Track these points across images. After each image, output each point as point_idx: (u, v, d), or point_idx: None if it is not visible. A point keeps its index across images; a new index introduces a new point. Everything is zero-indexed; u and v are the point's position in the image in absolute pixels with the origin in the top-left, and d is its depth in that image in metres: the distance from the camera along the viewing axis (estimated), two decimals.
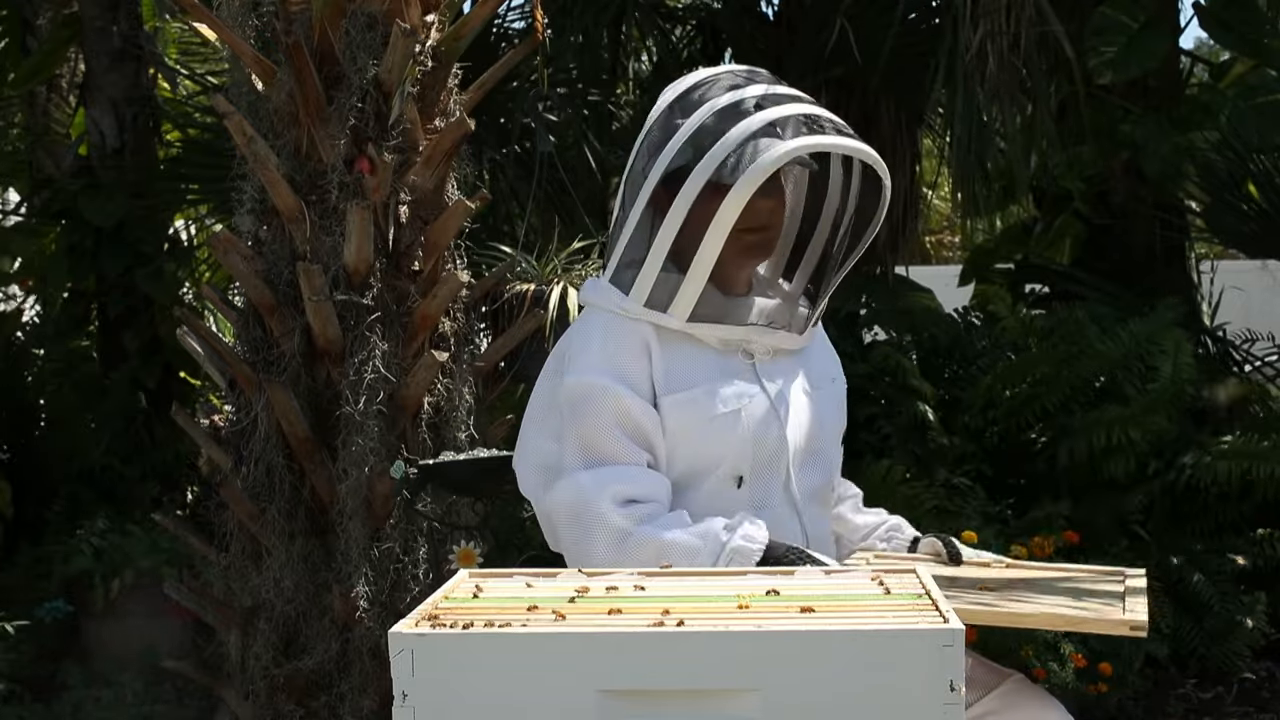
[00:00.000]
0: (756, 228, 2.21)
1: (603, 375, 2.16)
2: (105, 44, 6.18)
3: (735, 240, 2.18)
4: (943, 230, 13.87)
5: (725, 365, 2.24)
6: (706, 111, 2.18)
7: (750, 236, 2.21)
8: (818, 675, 1.53)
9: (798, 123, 2.16)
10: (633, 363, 2.18)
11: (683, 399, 2.19)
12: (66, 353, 6.41)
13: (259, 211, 3.61)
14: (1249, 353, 5.93)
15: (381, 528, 3.42)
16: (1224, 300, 6.37)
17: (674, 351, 2.20)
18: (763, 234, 2.24)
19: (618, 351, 2.18)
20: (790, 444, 2.24)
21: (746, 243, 2.21)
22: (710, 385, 2.21)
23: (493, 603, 1.70)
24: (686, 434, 2.19)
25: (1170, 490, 4.88)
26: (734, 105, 2.17)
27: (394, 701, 1.55)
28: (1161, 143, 5.71)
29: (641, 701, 1.55)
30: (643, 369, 2.18)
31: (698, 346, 2.23)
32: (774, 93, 2.21)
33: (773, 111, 2.16)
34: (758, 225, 2.21)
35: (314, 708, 3.43)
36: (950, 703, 1.52)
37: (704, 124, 2.16)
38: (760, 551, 2.07)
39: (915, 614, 1.61)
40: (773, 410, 2.23)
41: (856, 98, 6.26)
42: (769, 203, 2.20)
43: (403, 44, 3.39)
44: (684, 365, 2.21)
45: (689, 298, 2.17)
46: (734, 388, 2.22)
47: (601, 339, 2.20)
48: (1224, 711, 4.61)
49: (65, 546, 5.32)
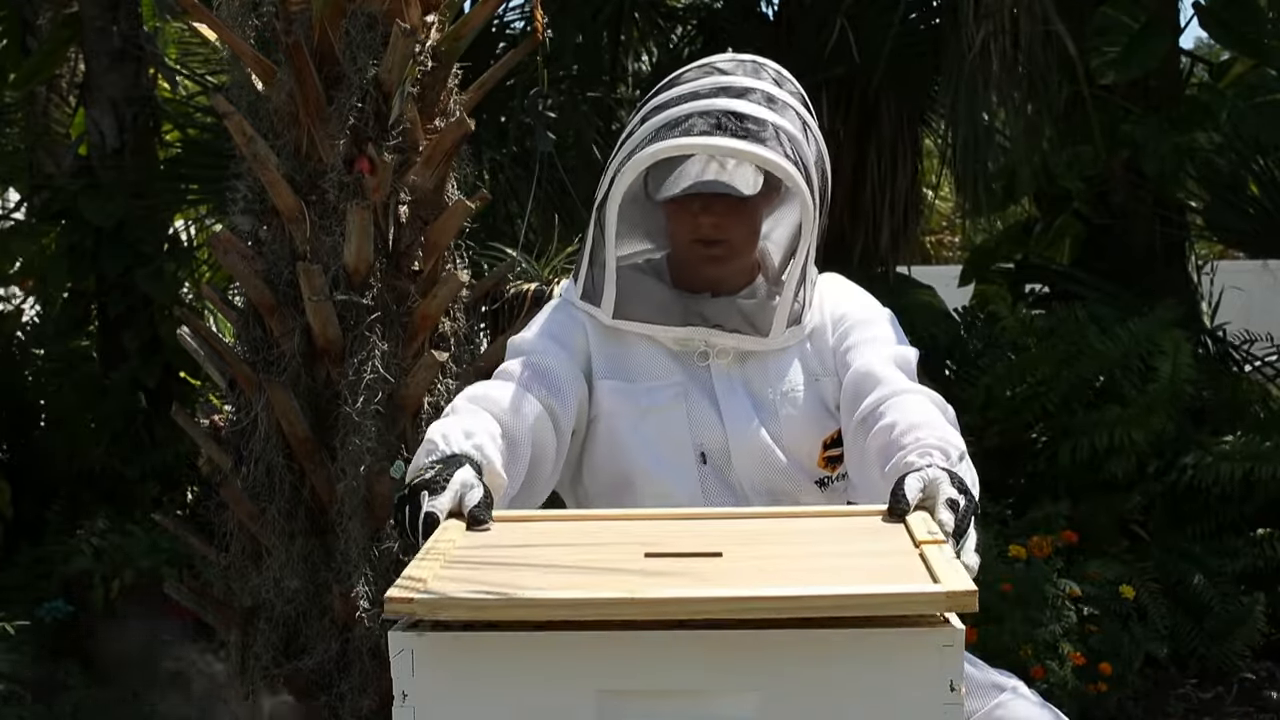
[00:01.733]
0: (704, 240, 2.20)
1: (533, 334, 2.27)
2: (105, 44, 6.18)
3: (691, 249, 2.21)
4: (943, 230, 13.87)
5: (674, 366, 2.24)
6: (652, 105, 2.21)
7: (702, 249, 2.21)
8: (817, 675, 1.53)
9: (690, 123, 2.13)
10: (567, 330, 2.25)
11: (619, 386, 2.23)
12: (66, 353, 6.41)
13: (259, 211, 3.61)
14: (1249, 353, 5.93)
15: (381, 528, 3.42)
16: (1224, 300, 6.37)
17: (622, 341, 2.25)
18: (717, 246, 2.21)
19: (553, 322, 2.28)
20: (736, 445, 2.22)
21: (700, 254, 2.22)
22: (648, 381, 2.23)
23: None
24: (622, 420, 2.21)
25: (1170, 490, 4.88)
26: (658, 105, 2.19)
27: (394, 701, 1.55)
28: (1161, 143, 5.72)
29: (641, 701, 1.55)
30: (580, 343, 2.25)
31: (650, 342, 2.24)
32: (709, 86, 2.18)
33: (685, 107, 2.15)
34: (702, 238, 2.20)
35: (314, 708, 3.42)
36: (950, 703, 1.52)
37: (632, 123, 2.22)
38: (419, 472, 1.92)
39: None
40: (714, 410, 2.22)
41: (857, 98, 6.27)
42: (710, 218, 2.18)
43: (403, 44, 3.39)
44: (629, 357, 2.24)
45: (608, 298, 2.23)
46: (675, 388, 2.23)
47: (549, 314, 2.31)
48: (1224, 711, 4.61)
49: (65, 546, 5.32)
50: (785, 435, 2.24)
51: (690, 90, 2.19)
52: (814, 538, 1.81)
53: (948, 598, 1.51)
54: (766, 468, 2.24)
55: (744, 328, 2.24)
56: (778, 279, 2.29)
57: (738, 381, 2.25)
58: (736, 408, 2.23)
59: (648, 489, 2.22)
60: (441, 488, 1.84)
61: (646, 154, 2.13)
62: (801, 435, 2.25)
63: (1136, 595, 4.50)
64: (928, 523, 1.76)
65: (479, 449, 1.97)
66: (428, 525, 1.79)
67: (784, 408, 2.25)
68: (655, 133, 2.15)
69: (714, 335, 2.23)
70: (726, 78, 2.20)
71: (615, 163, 2.20)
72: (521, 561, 1.67)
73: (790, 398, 2.25)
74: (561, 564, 1.68)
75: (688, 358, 2.26)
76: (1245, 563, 4.81)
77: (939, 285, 6.61)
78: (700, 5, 7.25)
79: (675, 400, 2.23)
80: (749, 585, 1.57)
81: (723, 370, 2.26)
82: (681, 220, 2.21)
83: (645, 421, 2.22)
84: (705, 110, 2.14)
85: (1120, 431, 4.74)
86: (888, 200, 6.29)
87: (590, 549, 1.75)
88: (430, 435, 2.01)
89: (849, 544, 1.78)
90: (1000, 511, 4.70)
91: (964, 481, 1.87)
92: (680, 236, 2.22)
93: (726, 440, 2.22)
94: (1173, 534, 4.89)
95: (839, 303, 2.33)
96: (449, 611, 1.54)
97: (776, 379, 2.26)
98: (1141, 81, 6.04)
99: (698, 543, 1.73)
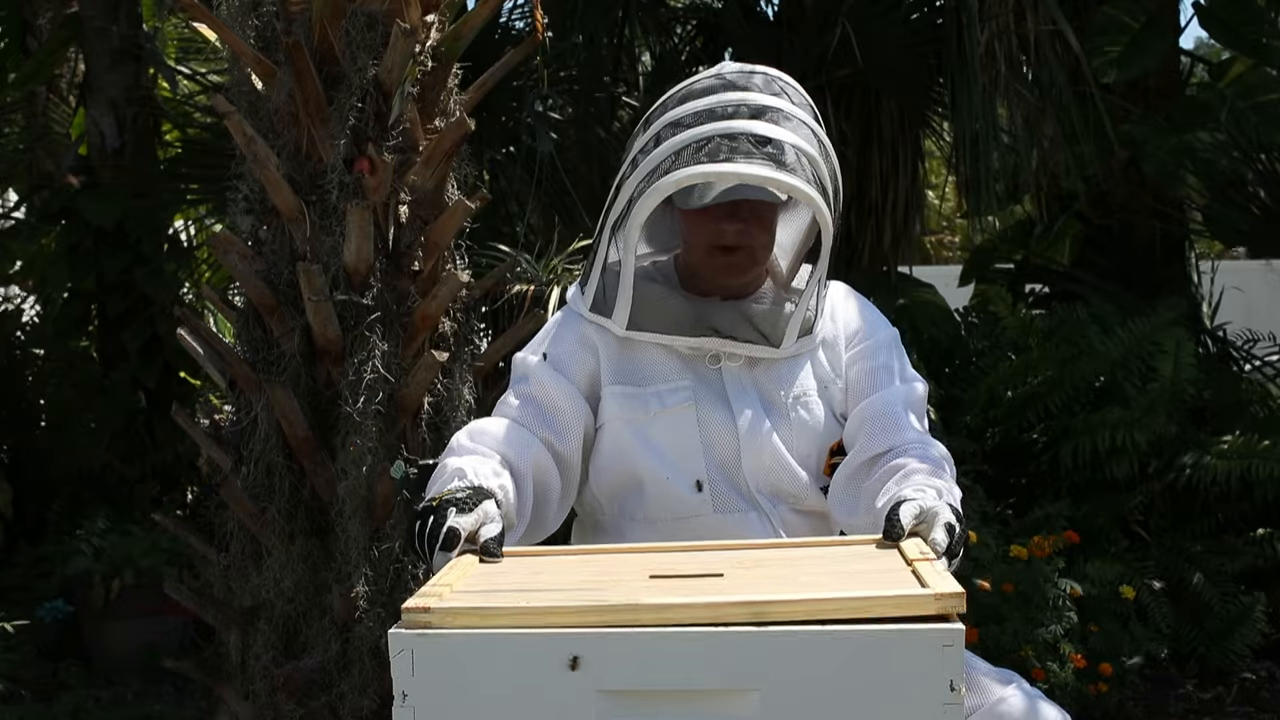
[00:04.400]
0: (726, 247, 2.21)
1: (537, 354, 2.29)
2: (105, 44, 6.18)
3: (709, 256, 2.22)
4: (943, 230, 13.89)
5: (685, 369, 2.25)
6: (652, 125, 2.21)
7: (723, 256, 2.22)
8: (817, 675, 1.53)
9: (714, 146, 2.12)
10: (572, 353, 2.27)
11: (629, 391, 2.24)
12: (66, 353, 6.41)
13: (259, 211, 3.61)
14: (1249, 353, 5.93)
15: (381, 528, 3.41)
16: (1225, 300, 6.37)
17: (630, 345, 2.26)
18: (737, 253, 2.22)
19: (560, 342, 2.29)
20: (749, 450, 2.22)
21: (720, 262, 2.22)
22: (659, 386, 2.24)
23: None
24: (629, 425, 2.22)
25: (1170, 490, 4.88)
26: (685, 118, 2.17)
27: (394, 701, 1.55)
28: (1161, 143, 5.72)
29: (641, 701, 1.55)
30: (582, 361, 2.26)
31: (661, 348, 2.25)
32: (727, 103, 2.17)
33: (707, 128, 2.13)
34: (725, 245, 2.21)
35: (314, 708, 3.42)
36: (950, 703, 1.52)
37: (644, 138, 2.21)
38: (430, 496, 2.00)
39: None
40: (728, 416, 2.23)
41: (858, 98, 6.27)
42: (734, 224, 2.19)
43: (403, 44, 3.39)
44: (638, 361, 2.26)
45: (622, 310, 2.23)
46: (684, 391, 2.23)
47: (555, 329, 2.32)
48: (1224, 711, 4.61)
49: (65, 546, 5.32)
50: (795, 439, 2.25)
51: (706, 107, 2.17)
52: (811, 562, 1.84)
53: (935, 599, 1.55)
54: (775, 470, 2.24)
55: (755, 338, 2.25)
56: (786, 284, 2.31)
57: (749, 384, 2.26)
58: (748, 410, 2.24)
59: (655, 491, 2.22)
60: (469, 509, 1.90)
61: (671, 180, 2.12)
62: (810, 440, 2.27)
63: (1137, 595, 4.50)
64: (920, 545, 1.81)
65: (503, 489, 2.04)
66: (449, 538, 1.85)
67: (795, 411, 2.26)
68: (677, 155, 2.13)
69: (727, 345, 2.24)
70: (740, 93, 2.18)
71: (633, 183, 2.18)
72: (529, 587, 1.69)
73: (802, 401, 2.27)
74: (568, 586, 1.70)
75: (698, 360, 2.26)
76: (1245, 562, 4.81)
77: (939, 285, 6.60)
78: (700, 5, 7.25)
79: (685, 404, 2.23)
80: (744, 594, 1.60)
81: (734, 373, 2.26)
82: (702, 227, 2.20)
83: (655, 425, 2.23)
84: (727, 132, 2.12)
85: (1122, 432, 4.74)
86: (889, 201, 6.29)
87: (596, 574, 1.78)
88: (457, 464, 2.06)
89: (844, 564, 1.81)
90: (1001, 512, 4.70)
91: (960, 514, 1.92)
92: (700, 243, 2.22)
93: (738, 442, 2.23)
94: (1173, 534, 4.89)
95: (852, 317, 2.36)
96: (463, 620, 1.56)
97: (788, 383, 2.27)
98: (1141, 81, 6.04)
99: (700, 568, 1.77)
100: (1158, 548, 4.79)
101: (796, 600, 1.56)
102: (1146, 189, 6.20)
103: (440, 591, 1.64)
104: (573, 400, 2.24)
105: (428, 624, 1.56)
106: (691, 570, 1.75)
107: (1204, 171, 6.08)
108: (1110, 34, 5.73)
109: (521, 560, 1.88)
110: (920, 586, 1.61)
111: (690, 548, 1.94)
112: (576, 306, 2.31)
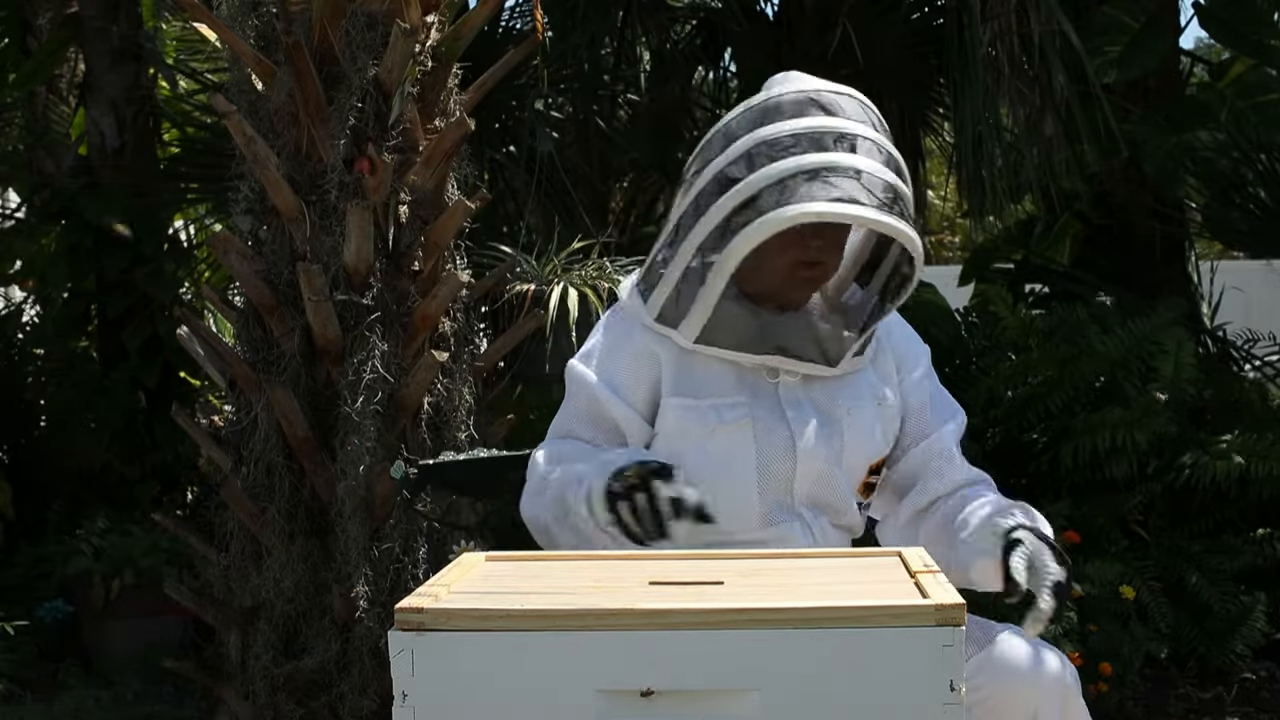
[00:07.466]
0: (808, 262, 2.19)
1: (592, 368, 2.26)
2: (105, 44, 6.17)
3: (788, 271, 2.19)
4: (943, 230, 13.88)
5: (744, 383, 2.24)
6: (737, 140, 2.16)
7: (805, 270, 2.21)
8: (817, 675, 1.53)
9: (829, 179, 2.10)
10: (627, 365, 2.25)
11: (688, 404, 2.22)
12: (66, 353, 6.40)
13: (259, 211, 3.61)
14: (1249, 352, 5.93)
15: (381, 528, 3.42)
16: (1225, 300, 6.36)
17: (691, 358, 2.24)
18: (817, 268, 2.22)
19: (616, 353, 2.26)
20: (803, 467, 2.22)
21: (801, 276, 2.21)
22: (718, 399, 2.22)
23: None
24: (686, 439, 2.21)
25: (1170, 490, 4.88)
26: (782, 139, 2.13)
27: (394, 701, 1.55)
28: (1161, 143, 5.71)
29: (641, 701, 1.55)
30: (639, 374, 2.24)
31: (722, 361, 2.23)
32: (825, 130, 2.14)
33: (812, 158, 2.10)
34: (808, 260, 2.19)
35: (314, 708, 3.42)
36: (950, 703, 1.52)
37: (730, 153, 2.16)
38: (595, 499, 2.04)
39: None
40: (786, 433, 2.22)
41: None
42: (820, 240, 2.17)
43: (403, 44, 3.39)
44: (699, 373, 2.24)
45: (695, 324, 2.20)
46: (741, 408, 2.22)
47: (613, 338, 2.29)
48: (1224, 711, 4.60)
49: (65, 546, 5.31)
50: (847, 452, 2.27)
51: (804, 132, 2.13)
52: (812, 571, 1.85)
53: (936, 610, 1.55)
54: (826, 483, 2.26)
55: (816, 356, 2.25)
56: (836, 300, 2.31)
57: (804, 399, 2.26)
58: (805, 427, 2.24)
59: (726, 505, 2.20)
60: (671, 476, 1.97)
61: (786, 216, 2.08)
62: (859, 455, 2.29)
63: (1137, 595, 4.50)
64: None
65: None
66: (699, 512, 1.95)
67: (850, 427, 2.27)
68: (782, 186, 2.09)
69: (789, 363, 2.24)
70: (834, 120, 2.15)
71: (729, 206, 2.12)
72: (529, 590, 1.69)
73: (856, 416, 2.28)
74: (566, 589, 1.71)
75: (756, 374, 2.26)
76: (1245, 562, 4.80)
77: (939, 285, 6.59)
78: (700, 5, 7.24)
79: (743, 419, 2.22)
80: (743, 602, 1.60)
81: (790, 387, 2.26)
82: (789, 242, 2.16)
83: (712, 440, 2.21)
84: (831, 165, 2.10)
85: (1125, 434, 4.73)
86: None
87: (594, 579, 1.78)
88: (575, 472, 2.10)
89: (845, 574, 1.82)
90: None
91: (1060, 551, 2.02)
92: (785, 260, 2.18)
93: (794, 459, 2.23)
94: (1173, 533, 4.88)
95: (898, 340, 2.40)
96: (457, 622, 1.56)
97: (844, 398, 2.28)
98: (1141, 81, 6.03)
99: (700, 575, 1.77)
100: (1157, 547, 4.79)
101: (796, 609, 1.57)
102: (1146, 189, 6.19)
103: (437, 592, 1.65)
104: (636, 424, 2.24)
105: (421, 624, 1.56)
106: (691, 577, 1.75)
107: (1204, 171, 6.07)
108: (1110, 34, 5.73)
109: (519, 564, 1.88)
110: (921, 597, 1.61)
111: (690, 555, 1.94)
112: (639, 316, 2.27)
